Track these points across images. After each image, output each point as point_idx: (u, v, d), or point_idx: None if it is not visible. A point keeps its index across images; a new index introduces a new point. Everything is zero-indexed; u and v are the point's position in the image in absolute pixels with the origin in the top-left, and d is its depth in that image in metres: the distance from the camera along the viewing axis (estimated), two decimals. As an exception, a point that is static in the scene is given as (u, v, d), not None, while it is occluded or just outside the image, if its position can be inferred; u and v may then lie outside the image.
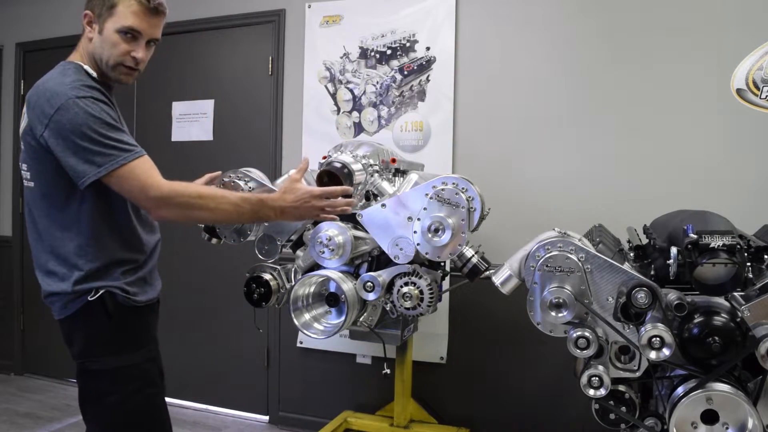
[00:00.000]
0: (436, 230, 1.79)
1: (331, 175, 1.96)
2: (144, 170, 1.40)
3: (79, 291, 1.44)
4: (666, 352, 1.38)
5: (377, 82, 2.94)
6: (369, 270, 2.00)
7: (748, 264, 1.43)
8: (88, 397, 1.49)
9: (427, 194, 1.82)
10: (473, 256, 1.97)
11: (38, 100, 1.39)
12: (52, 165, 1.40)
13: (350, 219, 1.96)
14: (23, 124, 1.46)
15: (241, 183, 1.97)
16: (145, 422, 1.52)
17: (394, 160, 2.21)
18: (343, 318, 1.93)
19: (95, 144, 1.36)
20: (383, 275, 1.94)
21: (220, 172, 1.90)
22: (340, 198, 1.63)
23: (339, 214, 1.65)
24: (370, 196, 2.08)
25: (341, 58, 3.00)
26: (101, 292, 1.45)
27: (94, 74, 1.49)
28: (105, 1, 1.47)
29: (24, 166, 1.48)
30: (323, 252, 1.92)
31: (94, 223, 1.45)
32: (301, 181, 1.61)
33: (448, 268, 2.24)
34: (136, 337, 1.52)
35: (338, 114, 3.02)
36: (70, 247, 1.45)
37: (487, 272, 1.93)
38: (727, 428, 1.38)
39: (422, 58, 2.86)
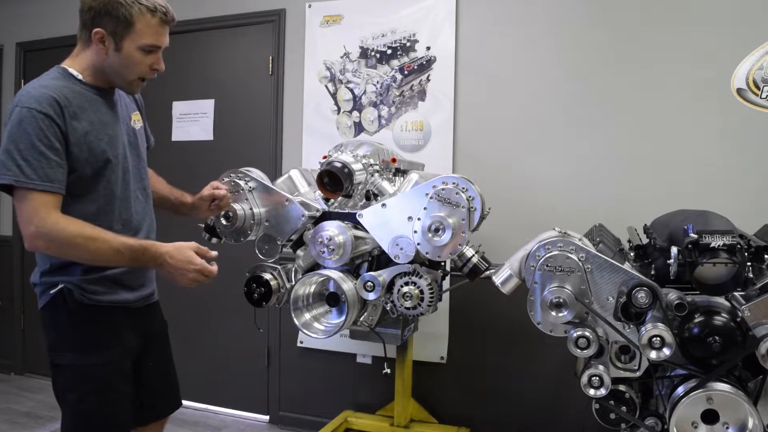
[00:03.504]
0: (437, 230, 1.79)
1: (332, 175, 1.96)
2: (40, 205, 1.35)
3: (45, 283, 1.49)
4: (666, 351, 1.38)
5: (377, 82, 2.94)
6: (369, 270, 2.00)
7: (749, 264, 1.43)
8: (56, 392, 1.53)
9: (427, 194, 1.82)
10: (473, 255, 1.97)
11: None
12: None
13: (350, 219, 1.96)
14: None
15: (241, 183, 1.97)
16: (97, 425, 1.51)
17: (394, 160, 2.21)
18: (343, 318, 1.92)
19: (8, 153, 1.36)
20: (383, 275, 1.94)
21: (225, 190, 1.88)
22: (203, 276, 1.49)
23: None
24: (371, 196, 2.08)
25: (341, 57, 3.00)
26: (60, 287, 1.47)
27: (80, 77, 1.48)
28: (119, 19, 1.43)
29: None
30: (323, 252, 1.92)
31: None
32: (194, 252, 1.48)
33: (448, 268, 2.24)
34: (97, 338, 1.51)
35: (338, 114, 3.02)
36: None
37: (488, 272, 1.93)
38: (727, 428, 1.38)
39: (422, 57, 2.86)
